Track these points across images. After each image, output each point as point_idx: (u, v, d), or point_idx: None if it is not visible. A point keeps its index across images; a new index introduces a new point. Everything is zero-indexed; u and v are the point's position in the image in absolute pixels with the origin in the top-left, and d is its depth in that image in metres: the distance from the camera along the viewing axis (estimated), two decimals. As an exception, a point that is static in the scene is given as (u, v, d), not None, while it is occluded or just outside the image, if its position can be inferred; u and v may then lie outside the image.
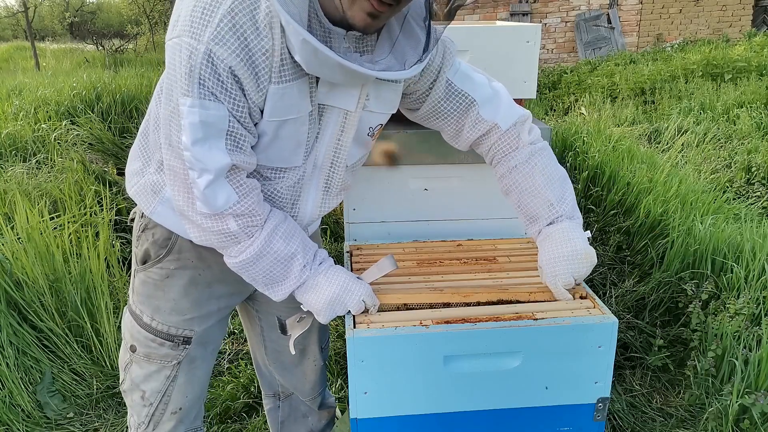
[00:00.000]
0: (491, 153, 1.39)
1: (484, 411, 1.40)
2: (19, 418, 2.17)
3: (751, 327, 2.17)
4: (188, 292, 1.31)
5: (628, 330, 2.49)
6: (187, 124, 1.03)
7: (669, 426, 2.08)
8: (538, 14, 10.56)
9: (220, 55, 0.99)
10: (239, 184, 1.11)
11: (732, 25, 10.47)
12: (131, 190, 1.29)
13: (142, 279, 1.32)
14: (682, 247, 2.64)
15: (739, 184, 4.11)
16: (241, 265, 1.17)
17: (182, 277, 1.30)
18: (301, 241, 1.20)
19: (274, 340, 1.54)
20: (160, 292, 1.31)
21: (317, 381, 1.62)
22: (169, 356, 1.34)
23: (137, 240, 1.32)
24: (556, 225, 1.31)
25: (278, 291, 1.23)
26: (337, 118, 1.18)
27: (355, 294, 1.25)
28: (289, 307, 1.47)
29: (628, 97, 6.97)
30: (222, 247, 1.17)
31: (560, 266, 1.30)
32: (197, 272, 1.31)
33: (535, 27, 1.86)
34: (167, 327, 1.32)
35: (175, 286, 1.30)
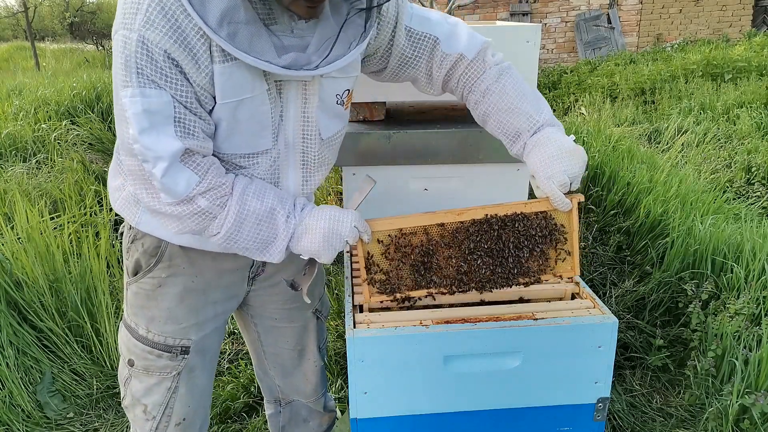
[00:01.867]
0: (461, 84, 1.34)
1: (484, 411, 1.40)
2: (19, 418, 2.17)
3: (751, 327, 2.17)
4: (183, 300, 1.29)
5: (628, 330, 2.49)
6: (131, 115, 1.01)
7: (669, 426, 2.08)
8: (538, 14, 10.56)
9: (152, 39, 0.97)
10: (197, 164, 1.08)
11: (732, 25, 10.47)
12: (116, 204, 1.28)
13: (134, 291, 1.30)
14: (682, 247, 2.64)
15: (739, 184, 4.11)
16: (227, 237, 1.13)
17: (175, 284, 1.28)
18: (274, 194, 1.17)
19: (271, 344, 1.53)
20: (154, 302, 1.28)
21: (318, 382, 1.61)
22: (168, 367, 1.31)
23: (127, 252, 1.30)
24: (539, 133, 1.27)
25: (274, 251, 1.18)
26: (297, 90, 1.14)
27: (345, 222, 1.19)
28: (283, 308, 1.47)
29: (628, 97, 6.97)
30: (202, 228, 1.13)
31: (552, 166, 1.23)
32: (190, 279, 1.29)
33: (535, 27, 1.86)
34: (164, 338, 1.30)
35: (168, 294, 1.28)
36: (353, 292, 1.53)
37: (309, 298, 1.29)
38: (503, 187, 1.95)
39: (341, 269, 3.10)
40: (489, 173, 1.93)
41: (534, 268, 1.34)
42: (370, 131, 1.84)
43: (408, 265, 1.31)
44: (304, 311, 1.50)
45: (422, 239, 1.29)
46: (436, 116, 2.08)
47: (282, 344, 1.52)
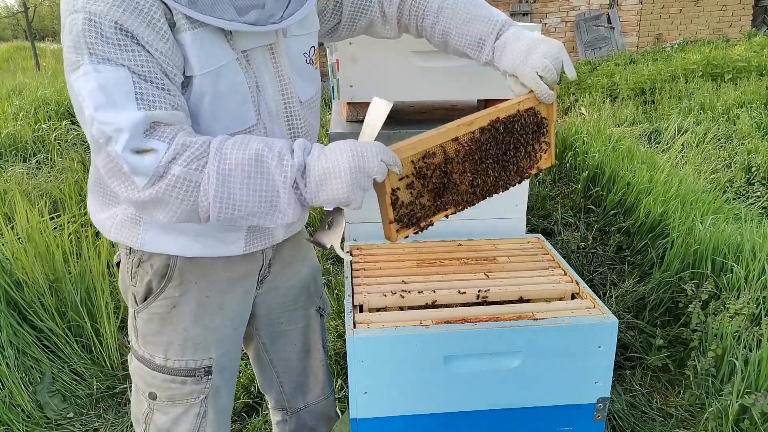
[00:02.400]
0: (413, 14, 1.31)
1: (484, 411, 1.40)
2: (19, 418, 2.17)
3: (751, 327, 2.17)
4: (199, 318, 1.22)
5: (628, 330, 2.49)
6: (86, 94, 0.92)
7: (669, 426, 2.08)
8: (538, 14, 10.56)
9: (99, 12, 0.90)
10: (162, 133, 0.95)
11: (732, 25, 10.47)
12: (111, 234, 1.18)
13: (145, 318, 1.21)
14: (682, 247, 2.64)
15: (739, 184, 4.11)
16: (221, 204, 0.96)
17: (189, 302, 1.21)
18: (259, 140, 1.00)
19: (278, 350, 1.48)
20: (169, 326, 1.21)
21: (326, 380, 1.59)
22: (195, 392, 1.24)
23: (133, 278, 1.21)
24: (505, 34, 1.23)
25: (283, 207, 1.00)
26: (264, 56, 1.10)
27: (369, 155, 1.02)
28: (288, 310, 1.44)
29: (628, 97, 6.96)
30: (192, 204, 0.97)
31: (530, 57, 1.18)
32: (203, 295, 1.22)
33: (535, 27, 1.86)
34: (185, 362, 1.22)
35: (183, 314, 1.21)
36: (353, 292, 1.53)
37: (341, 253, 1.14)
38: (503, 187, 1.94)
39: (341, 269, 3.09)
40: (489, 173, 1.93)
41: (525, 166, 1.31)
42: (370, 131, 1.84)
43: (428, 191, 1.19)
44: (308, 309, 1.48)
45: (440, 159, 1.19)
46: (436, 116, 2.08)
47: (289, 348, 1.48)
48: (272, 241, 1.26)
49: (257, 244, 1.23)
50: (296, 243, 1.40)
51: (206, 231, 1.15)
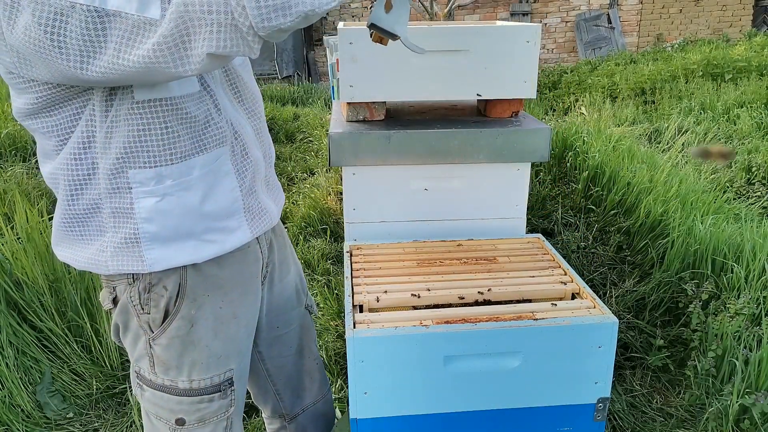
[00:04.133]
0: None
1: (484, 411, 1.40)
2: (19, 418, 2.17)
3: (752, 327, 2.17)
4: (218, 332, 1.18)
5: (628, 330, 2.49)
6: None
7: (669, 426, 2.08)
8: (538, 14, 10.55)
9: None
10: None
11: (732, 25, 10.47)
12: (108, 267, 1.07)
13: (164, 344, 1.14)
14: (683, 247, 2.64)
15: (739, 184, 4.10)
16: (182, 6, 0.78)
17: (207, 318, 1.16)
18: None
19: (275, 357, 1.44)
20: (191, 346, 1.15)
21: (322, 378, 1.57)
22: (223, 407, 1.21)
23: (145, 307, 1.12)
24: None
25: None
26: None
27: None
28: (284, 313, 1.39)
29: (628, 97, 6.96)
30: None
31: None
32: (217, 306, 1.17)
33: (535, 27, 1.86)
34: (209, 379, 1.18)
35: (203, 331, 1.16)
36: (353, 292, 1.53)
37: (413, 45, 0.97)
38: (503, 187, 1.95)
39: (341, 269, 3.09)
40: (489, 173, 1.93)
41: None
42: (370, 131, 1.84)
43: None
44: (299, 308, 1.45)
45: None
46: (436, 116, 2.08)
47: (285, 352, 1.45)
48: (270, 220, 1.23)
49: (259, 223, 1.19)
50: (282, 242, 1.39)
51: (207, 225, 1.10)
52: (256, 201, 1.18)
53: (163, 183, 1.03)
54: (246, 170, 1.14)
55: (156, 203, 1.03)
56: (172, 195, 1.04)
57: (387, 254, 1.76)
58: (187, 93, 1.01)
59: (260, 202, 1.20)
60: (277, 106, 7.40)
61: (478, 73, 1.89)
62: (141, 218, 1.04)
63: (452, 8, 8.91)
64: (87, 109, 0.98)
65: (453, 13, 9.36)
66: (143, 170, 1.01)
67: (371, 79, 1.84)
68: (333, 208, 3.74)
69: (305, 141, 5.69)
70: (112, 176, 1.02)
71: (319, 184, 4.22)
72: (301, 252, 3.20)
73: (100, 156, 1.00)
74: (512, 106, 2.00)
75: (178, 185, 1.04)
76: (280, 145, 5.61)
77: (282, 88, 8.71)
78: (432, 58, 1.87)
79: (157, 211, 1.04)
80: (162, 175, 1.02)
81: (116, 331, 1.19)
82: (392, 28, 0.94)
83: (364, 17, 10.50)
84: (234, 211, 1.13)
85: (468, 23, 2.24)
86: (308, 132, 5.95)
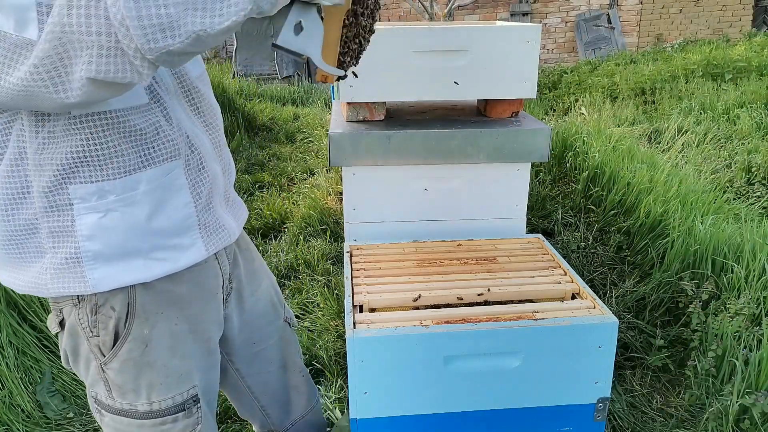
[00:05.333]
0: None
1: (484, 411, 1.40)
2: (19, 418, 2.17)
3: (752, 327, 2.17)
4: (176, 350, 1.11)
5: (628, 330, 2.49)
6: None
7: (669, 426, 2.08)
8: (538, 14, 10.55)
9: None
10: None
11: (732, 25, 10.47)
12: (49, 290, 1.01)
13: (117, 368, 1.07)
14: (683, 247, 2.64)
15: (739, 184, 4.10)
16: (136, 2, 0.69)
17: (161, 336, 1.09)
18: None
19: (255, 374, 1.37)
20: (147, 367, 1.08)
21: (310, 390, 1.51)
22: (189, 426, 1.15)
23: (93, 329, 1.05)
24: None
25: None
26: None
27: None
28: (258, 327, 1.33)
29: (628, 97, 6.96)
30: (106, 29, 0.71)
31: None
32: (172, 323, 1.10)
33: (535, 27, 1.86)
34: (171, 399, 1.12)
35: (159, 350, 1.09)
36: (353, 292, 1.53)
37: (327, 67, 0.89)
38: (503, 187, 1.95)
39: (341, 269, 3.09)
40: (489, 173, 1.93)
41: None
42: (370, 131, 1.84)
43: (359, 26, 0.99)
44: (277, 322, 1.37)
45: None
46: (436, 116, 2.08)
47: (267, 367, 1.38)
48: (229, 236, 1.16)
49: (215, 239, 1.12)
50: (248, 255, 1.32)
51: (157, 243, 1.03)
52: (213, 217, 1.11)
53: (106, 198, 0.97)
54: (202, 184, 1.08)
55: (99, 219, 0.97)
56: (116, 211, 0.98)
57: (387, 254, 1.76)
58: (131, 105, 0.96)
59: (218, 218, 1.13)
60: (277, 106, 7.40)
61: (478, 73, 1.89)
62: (82, 236, 0.97)
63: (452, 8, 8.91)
64: (16, 125, 0.92)
65: (453, 13, 9.36)
66: (84, 185, 0.95)
67: (371, 79, 1.84)
68: (333, 208, 3.74)
69: (305, 141, 5.69)
70: (49, 193, 0.95)
71: (319, 184, 4.22)
72: (301, 252, 3.20)
73: (33, 173, 0.94)
74: (512, 106, 2.00)
75: (122, 201, 0.98)
76: (280, 145, 5.61)
77: (282, 88, 8.70)
78: (432, 58, 1.87)
79: (99, 228, 0.98)
80: (104, 190, 0.96)
81: (66, 358, 1.12)
82: (303, 50, 0.86)
83: (364, 17, 10.47)
84: (187, 227, 1.07)
85: (468, 23, 2.24)
86: (308, 132, 5.94)
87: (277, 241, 3.49)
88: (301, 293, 2.83)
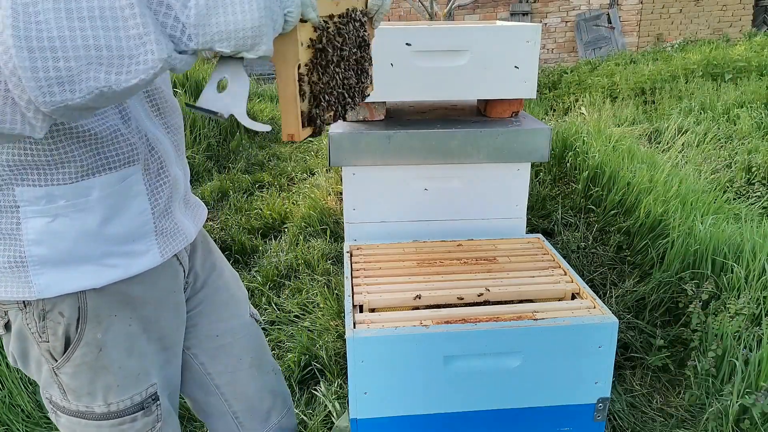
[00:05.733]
0: None
1: (484, 411, 1.40)
2: (19, 418, 2.17)
3: (752, 327, 2.17)
4: (131, 351, 1.06)
5: (628, 330, 2.49)
6: None
7: (669, 426, 2.08)
8: (538, 14, 10.55)
9: None
10: None
11: (732, 25, 10.47)
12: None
13: (71, 372, 1.01)
14: (683, 247, 2.64)
15: (739, 184, 4.10)
16: (30, 54, 0.62)
17: (117, 339, 1.03)
18: None
19: (223, 372, 1.29)
20: (103, 370, 1.03)
21: (285, 391, 1.41)
22: (148, 424, 1.10)
23: (42, 335, 0.99)
24: None
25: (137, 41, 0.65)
26: None
27: None
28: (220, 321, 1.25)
29: (628, 97, 6.96)
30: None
31: None
32: (126, 324, 1.04)
33: (535, 27, 1.86)
34: (129, 399, 1.07)
35: (114, 353, 1.03)
36: (353, 292, 1.53)
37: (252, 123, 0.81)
38: (503, 187, 1.95)
39: (341, 269, 3.09)
40: (489, 173, 1.93)
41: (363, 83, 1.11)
42: (370, 131, 1.84)
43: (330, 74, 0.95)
44: (242, 318, 1.30)
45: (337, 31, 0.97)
46: (436, 116, 2.08)
47: (236, 364, 1.28)
48: (185, 239, 1.10)
49: (172, 244, 1.06)
50: (206, 246, 1.26)
51: (109, 249, 0.97)
52: (170, 222, 1.06)
53: (55, 203, 0.90)
54: (161, 190, 1.02)
55: (47, 224, 0.91)
56: (66, 216, 0.91)
57: (387, 254, 1.76)
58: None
59: (176, 223, 1.08)
60: (277, 106, 7.40)
61: (478, 73, 1.89)
62: (28, 240, 0.91)
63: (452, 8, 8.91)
64: None
65: (453, 13, 9.36)
66: (32, 188, 0.89)
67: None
68: (333, 208, 3.74)
69: (305, 141, 5.69)
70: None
71: (319, 184, 4.22)
72: (301, 252, 3.20)
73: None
74: (512, 106, 2.00)
75: (73, 206, 0.91)
76: (280, 145, 5.62)
77: (282, 88, 8.70)
78: (432, 58, 1.87)
79: (48, 233, 0.91)
80: (53, 195, 0.90)
81: (14, 360, 1.06)
82: (225, 108, 0.79)
83: (364, 17, 10.48)
84: (143, 234, 1.01)
85: (468, 23, 2.24)
86: (308, 132, 5.94)
87: (277, 241, 3.49)
88: (301, 293, 2.83)
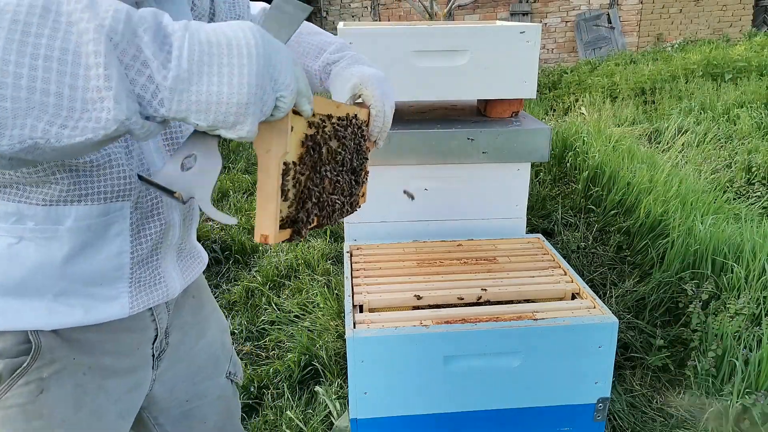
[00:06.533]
0: None
1: (484, 411, 1.40)
2: (19, 418, 2.16)
3: (752, 327, 2.17)
4: (80, 403, 0.89)
5: (628, 330, 2.49)
6: None
7: (669, 426, 2.08)
8: (538, 14, 10.55)
9: None
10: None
11: (732, 25, 10.47)
12: None
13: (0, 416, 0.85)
14: (683, 247, 2.64)
15: (739, 184, 4.10)
16: None
17: (64, 385, 0.87)
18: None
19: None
20: (38, 420, 0.86)
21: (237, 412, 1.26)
22: None
23: None
24: (353, 53, 1.10)
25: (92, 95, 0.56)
26: None
27: (283, 57, 0.65)
28: (194, 383, 1.11)
29: (628, 97, 6.96)
30: None
31: (386, 87, 1.03)
32: (81, 371, 0.88)
33: (535, 27, 1.86)
34: None
35: (58, 400, 0.87)
36: (353, 292, 1.53)
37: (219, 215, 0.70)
38: (503, 187, 1.95)
39: (341, 269, 3.10)
40: (489, 173, 1.93)
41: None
42: (370, 131, 1.84)
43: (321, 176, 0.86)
44: (215, 378, 1.15)
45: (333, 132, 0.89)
46: (436, 116, 2.08)
47: (198, 427, 1.15)
48: (165, 294, 0.95)
49: (147, 297, 0.92)
50: (197, 303, 1.11)
51: (69, 288, 0.83)
52: (152, 272, 0.92)
53: (24, 224, 0.79)
54: (148, 235, 0.89)
55: (9, 246, 0.79)
56: (31, 241, 0.80)
57: (387, 254, 1.76)
58: None
59: (159, 274, 0.93)
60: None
61: (478, 73, 1.89)
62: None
63: (452, 8, 8.91)
64: None
65: (453, 13, 9.36)
66: (4, 203, 0.78)
67: (371, 79, 1.84)
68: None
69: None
70: None
71: (319, 184, 4.21)
72: (301, 252, 3.21)
73: None
74: (512, 106, 2.00)
75: (41, 231, 0.80)
76: (280, 145, 5.62)
77: (282, 88, 8.70)
78: (432, 58, 1.87)
79: (6, 256, 0.80)
80: (24, 214, 0.78)
81: None
82: (189, 191, 0.67)
83: (364, 17, 10.49)
84: (114, 278, 0.87)
85: (468, 23, 2.24)
86: (308, 132, 5.94)
87: (277, 241, 3.49)
88: (301, 293, 2.83)
